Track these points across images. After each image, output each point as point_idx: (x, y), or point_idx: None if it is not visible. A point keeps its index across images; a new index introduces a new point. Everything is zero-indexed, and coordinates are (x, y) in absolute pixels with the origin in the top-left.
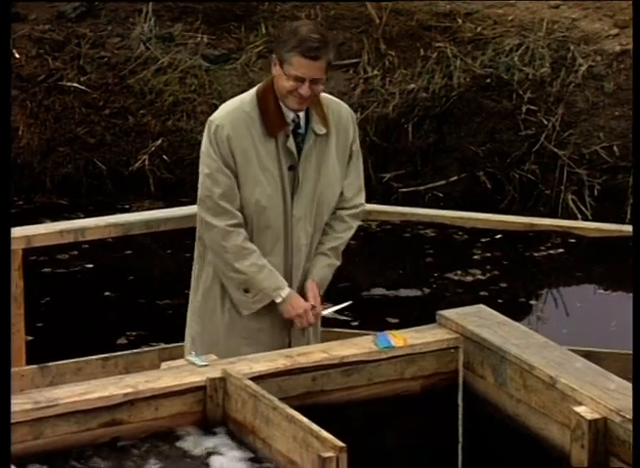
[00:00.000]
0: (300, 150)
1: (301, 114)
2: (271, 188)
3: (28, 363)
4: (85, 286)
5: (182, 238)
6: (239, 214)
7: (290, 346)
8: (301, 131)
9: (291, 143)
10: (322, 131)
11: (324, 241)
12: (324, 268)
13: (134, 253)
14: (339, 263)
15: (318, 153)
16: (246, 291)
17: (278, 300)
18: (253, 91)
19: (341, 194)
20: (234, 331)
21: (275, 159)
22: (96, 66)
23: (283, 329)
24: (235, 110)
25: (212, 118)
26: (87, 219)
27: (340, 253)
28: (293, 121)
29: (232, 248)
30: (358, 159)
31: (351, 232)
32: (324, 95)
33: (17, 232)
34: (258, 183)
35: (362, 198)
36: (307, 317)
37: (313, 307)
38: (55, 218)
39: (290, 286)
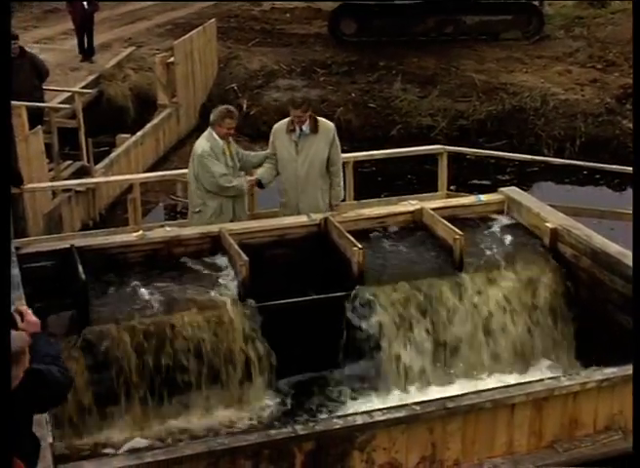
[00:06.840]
0: (299, 138)
1: (304, 127)
2: (287, 152)
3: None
4: None
5: None
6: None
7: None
8: (301, 132)
9: (294, 135)
10: (307, 132)
11: (331, 182)
12: (333, 191)
13: None
14: (339, 188)
15: (309, 140)
16: None
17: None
18: None
19: (328, 159)
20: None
21: (289, 141)
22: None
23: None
24: (282, 122)
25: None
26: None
27: (337, 184)
28: (299, 128)
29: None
30: (338, 148)
31: (336, 177)
32: (321, 119)
33: None
34: (282, 150)
35: (337, 163)
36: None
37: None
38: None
39: (297, 196)
